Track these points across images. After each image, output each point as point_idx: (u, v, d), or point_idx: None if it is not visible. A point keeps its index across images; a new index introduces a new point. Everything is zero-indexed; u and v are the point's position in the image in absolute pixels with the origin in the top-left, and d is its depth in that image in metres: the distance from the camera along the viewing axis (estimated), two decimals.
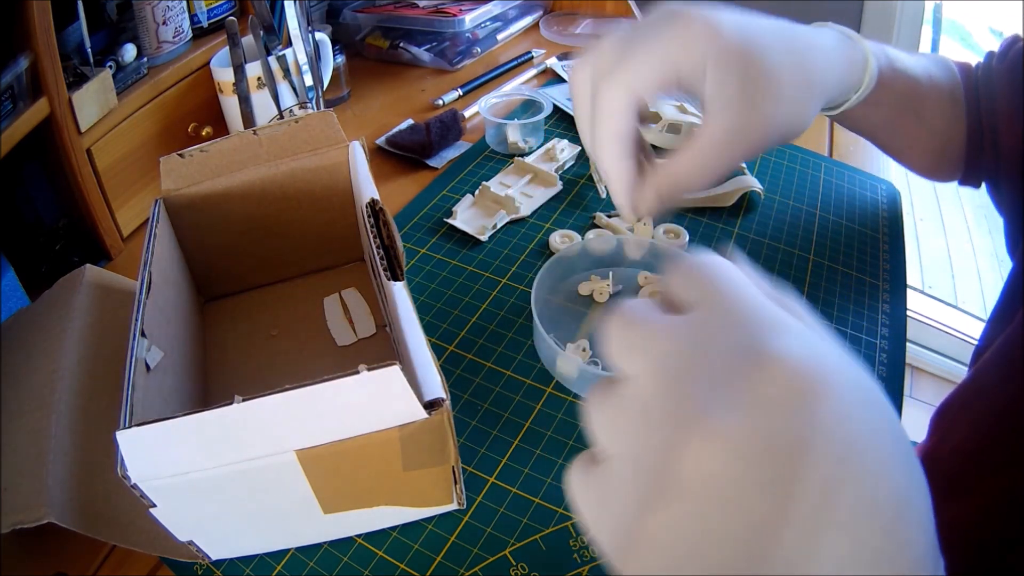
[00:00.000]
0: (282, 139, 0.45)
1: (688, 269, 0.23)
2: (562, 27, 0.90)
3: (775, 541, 0.18)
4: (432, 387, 0.30)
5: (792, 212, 0.58)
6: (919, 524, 0.19)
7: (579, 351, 0.44)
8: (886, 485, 0.18)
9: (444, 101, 0.74)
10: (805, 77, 0.35)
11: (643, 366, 0.21)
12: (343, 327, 0.48)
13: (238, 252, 0.48)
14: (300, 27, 0.62)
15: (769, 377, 0.19)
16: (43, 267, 0.53)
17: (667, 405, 0.20)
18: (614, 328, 0.22)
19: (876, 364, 0.46)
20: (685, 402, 0.19)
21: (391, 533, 0.37)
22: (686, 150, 0.33)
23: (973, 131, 0.48)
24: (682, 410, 0.19)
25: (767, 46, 0.33)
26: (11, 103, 0.46)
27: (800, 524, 0.18)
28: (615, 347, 0.22)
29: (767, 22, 0.35)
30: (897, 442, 0.19)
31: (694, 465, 0.18)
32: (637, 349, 0.21)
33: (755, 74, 0.32)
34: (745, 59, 0.32)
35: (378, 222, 0.38)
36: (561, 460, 0.40)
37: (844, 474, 0.18)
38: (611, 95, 0.33)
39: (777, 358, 0.19)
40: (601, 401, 0.22)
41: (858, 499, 0.18)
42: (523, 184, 0.59)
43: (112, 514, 0.34)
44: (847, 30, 0.41)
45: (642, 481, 0.20)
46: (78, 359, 0.39)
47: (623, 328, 0.22)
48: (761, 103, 0.33)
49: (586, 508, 0.22)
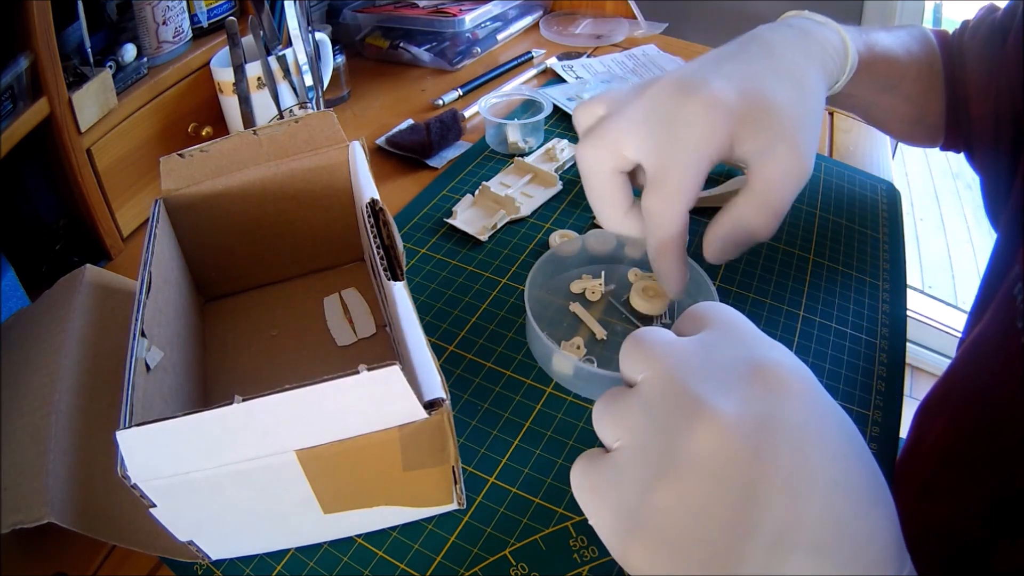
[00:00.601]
0: (282, 139, 0.45)
1: (694, 312, 0.27)
2: (562, 27, 0.90)
3: (763, 506, 0.20)
4: (432, 387, 0.30)
5: (792, 212, 0.57)
6: (868, 473, 0.22)
7: (574, 348, 0.44)
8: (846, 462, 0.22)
9: (444, 101, 0.74)
10: (807, 94, 0.38)
11: (651, 374, 0.24)
12: (343, 327, 0.48)
13: (238, 252, 0.48)
14: (300, 27, 0.62)
15: (763, 378, 0.22)
16: (43, 267, 0.53)
17: (672, 400, 0.23)
18: (628, 346, 0.26)
19: (876, 364, 0.46)
20: (687, 395, 0.23)
21: (391, 533, 0.37)
22: (748, 200, 0.35)
23: (950, 99, 0.50)
24: (685, 401, 0.23)
25: (770, 92, 0.35)
26: (11, 103, 0.46)
27: (781, 486, 0.20)
28: (627, 361, 0.26)
29: (757, 64, 0.37)
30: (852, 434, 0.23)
31: (695, 446, 0.21)
32: (646, 360, 0.25)
33: (775, 122, 0.35)
34: (763, 118, 0.34)
35: (378, 222, 0.38)
36: (561, 460, 0.40)
37: (817, 452, 0.21)
38: (671, 217, 0.35)
39: (771, 363, 0.23)
40: (610, 403, 0.25)
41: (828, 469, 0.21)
42: (523, 184, 0.59)
43: (112, 514, 0.34)
44: (820, 18, 0.43)
45: (647, 464, 0.22)
46: (78, 359, 0.39)
47: (635, 345, 0.26)
48: (791, 138, 0.35)
49: (590, 496, 0.24)
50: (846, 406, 0.43)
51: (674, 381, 0.23)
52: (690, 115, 0.34)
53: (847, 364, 0.45)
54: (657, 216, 0.35)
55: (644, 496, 0.22)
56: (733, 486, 0.21)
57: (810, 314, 0.49)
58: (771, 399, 0.22)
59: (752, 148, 0.34)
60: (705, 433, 0.21)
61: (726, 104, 0.34)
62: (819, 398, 0.22)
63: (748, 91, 0.35)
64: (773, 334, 0.47)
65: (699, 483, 0.21)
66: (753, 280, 0.51)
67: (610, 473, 0.23)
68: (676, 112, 0.34)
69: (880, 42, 0.47)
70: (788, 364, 0.23)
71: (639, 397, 0.24)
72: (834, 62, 0.41)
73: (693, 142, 0.34)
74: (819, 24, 0.42)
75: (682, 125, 0.34)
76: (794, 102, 0.36)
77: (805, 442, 0.21)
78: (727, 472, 0.21)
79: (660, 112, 0.35)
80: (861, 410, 0.43)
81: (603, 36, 0.88)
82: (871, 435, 0.41)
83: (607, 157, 0.36)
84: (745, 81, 0.35)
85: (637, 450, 0.23)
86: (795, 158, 0.35)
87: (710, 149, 0.34)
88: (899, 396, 0.44)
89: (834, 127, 0.71)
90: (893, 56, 0.47)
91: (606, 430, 0.25)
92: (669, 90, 0.35)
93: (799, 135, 0.35)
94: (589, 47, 0.86)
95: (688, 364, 0.24)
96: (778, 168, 0.34)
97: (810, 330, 0.47)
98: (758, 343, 0.25)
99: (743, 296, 0.50)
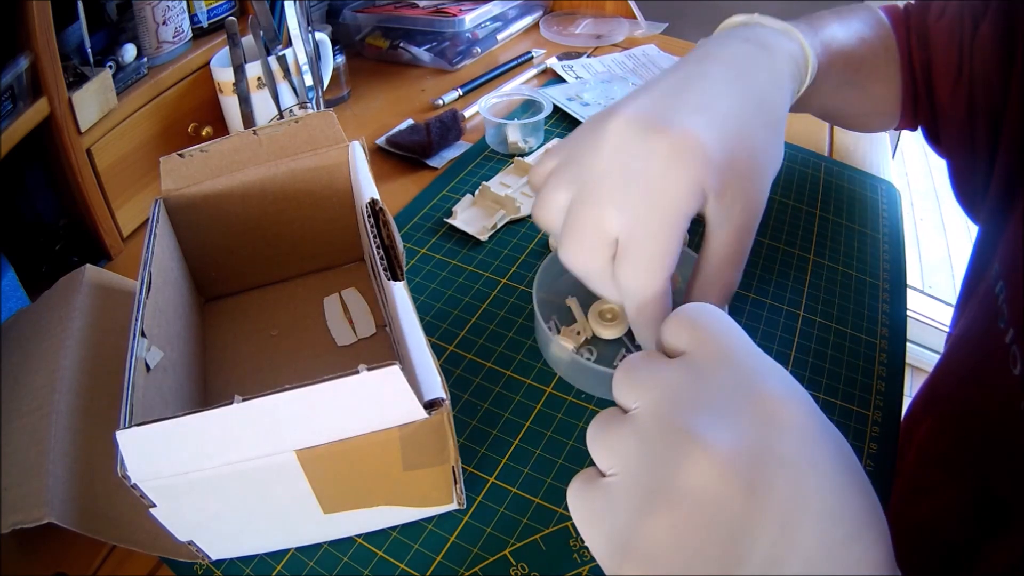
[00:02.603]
0: (282, 139, 0.45)
1: (682, 317, 0.26)
2: (562, 27, 0.90)
3: (755, 538, 0.20)
4: (432, 387, 0.30)
5: (792, 212, 0.58)
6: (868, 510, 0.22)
7: (573, 335, 0.44)
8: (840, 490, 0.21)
9: (444, 101, 0.74)
10: (776, 128, 0.35)
11: (643, 401, 0.24)
12: (343, 327, 0.48)
13: (238, 252, 0.48)
14: (300, 27, 0.62)
15: (758, 408, 0.22)
16: (43, 267, 0.53)
17: (664, 430, 0.23)
18: (620, 373, 0.26)
19: (876, 364, 0.46)
20: (681, 428, 0.22)
21: (391, 533, 0.37)
22: (720, 255, 0.32)
23: (907, 83, 0.48)
24: (678, 434, 0.22)
25: (748, 135, 0.32)
26: (11, 103, 0.46)
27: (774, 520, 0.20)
28: (620, 387, 0.25)
29: (735, 98, 0.33)
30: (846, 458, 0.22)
31: (689, 478, 0.21)
32: (638, 388, 0.25)
33: (748, 174, 0.32)
34: (739, 170, 0.31)
35: (378, 222, 0.38)
36: (561, 460, 0.40)
37: (811, 482, 0.21)
38: (650, 289, 0.30)
39: (767, 393, 0.23)
40: (603, 427, 0.25)
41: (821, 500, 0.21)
42: (523, 184, 0.59)
43: (112, 514, 0.34)
44: (777, 24, 0.40)
45: (639, 493, 0.22)
46: (78, 359, 0.39)
47: (626, 372, 0.25)
48: (757, 190, 0.32)
49: (585, 520, 0.24)
50: (846, 406, 0.43)
51: (667, 413, 0.23)
52: (665, 165, 0.29)
53: (847, 364, 0.45)
54: (635, 290, 0.30)
55: (637, 525, 0.22)
56: (726, 519, 0.21)
57: (810, 314, 0.49)
58: (766, 431, 0.22)
59: (719, 210, 0.31)
60: (698, 467, 0.21)
61: (704, 151, 0.29)
62: (815, 426, 0.22)
63: (728, 137, 0.31)
64: (773, 334, 0.47)
65: (691, 516, 0.21)
66: (753, 280, 0.51)
67: (604, 500, 0.23)
68: (648, 161, 0.30)
69: (836, 37, 0.44)
70: (784, 393, 0.23)
71: (633, 427, 0.24)
72: (797, 79, 0.39)
73: (669, 199, 0.29)
74: (778, 33, 0.39)
75: (656, 178, 0.29)
76: (766, 145, 0.33)
77: (800, 474, 0.21)
78: (720, 505, 0.21)
79: (627, 162, 0.30)
80: (861, 410, 0.43)
81: (603, 36, 0.88)
82: (871, 435, 0.41)
83: (599, 251, 0.31)
84: (723, 122, 0.31)
85: (630, 481, 0.23)
86: (754, 212, 0.32)
87: (689, 205, 0.29)
88: (899, 396, 0.44)
89: (834, 127, 0.71)
90: (848, 50, 0.45)
91: (601, 456, 0.25)
92: (634, 130, 0.30)
93: (763, 182, 0.32)
94: (589, 47, 0.86)
95: (681, 394, 0.24)
96: (740, 225, 0.32)
97: (810, 330, 0.47)
98: (754, 366, 0.24)
99: (743, 296, 0.50)
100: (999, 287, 0.38)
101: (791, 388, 0.23)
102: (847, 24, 0.47)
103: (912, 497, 0.42)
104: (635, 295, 0.30)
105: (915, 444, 0.45)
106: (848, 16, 0.47)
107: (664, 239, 0.29)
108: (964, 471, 0.39)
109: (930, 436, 0.44)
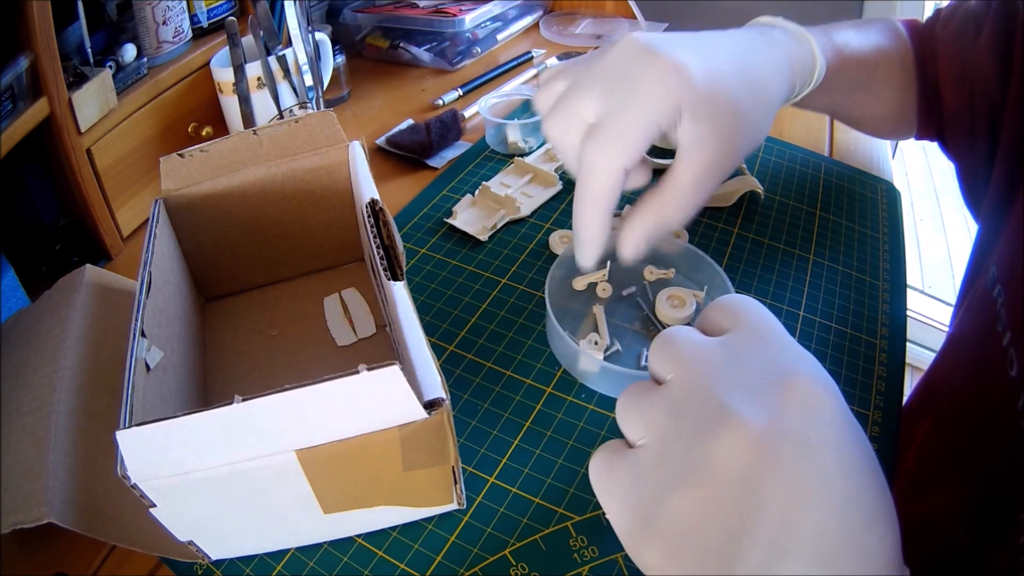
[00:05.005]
0: (282, 139, 0.45)
1: (723, 303, 0.27)
2: (562, 27, 0.90)
3: (780, 519, 0.21)
4: (432, 387, 0.30)
5: (792, 212, 0.58)
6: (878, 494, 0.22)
7: (591, 345, 0.44)
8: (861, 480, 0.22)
9: (444, 101, 0.74)
10: (763, 104, 0.37)
11: (679, 375, 0.25)
12: (343, 327, 0.48)
13: (238, 252, 0.49)
14: (300, 27, 0.62)
15: (791, 391, 0.22)
16: (43, 267, 0.53)
17: (699, 401, 0.23)
18: (657, 344, 0.26)
19: (876, 364, 0.46)
20: (716, 404, 0.23)
21: (391, 533, 0.37)
22: (666, 190, 0.34)
23: (923, 91, 0.50)
24: (714, 405, 0.23)
25: (731, 85, 0.34)
26: (11, 103, 0.46)
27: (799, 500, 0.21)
28: (656, 358, 0.26)
29: (726, 56, 0.36)
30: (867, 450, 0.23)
31: (719, 453, 0.22)
32: (674, 359, 0.25)
33: (724, 116, 0.33)
34: (716, 105, 0.33)
35: (378, 222, 0.38)
36: (561, 460, 0.40)
37: (837, 469, 0.21)
38: (604, 167, 0.32)
39: (800, 377, 0.23)
40: (635, 397, 0.25)
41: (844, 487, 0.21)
42: (523, 184, 0.59)
43: (112, 514, 0.34)
44: (792, 27, 0.42)
45: (669, 467, 0.23)
46: (78, 359, 0.39)
47: (665, 344, 0.26)
48: (730, 138, 0.34)
49: (608, 492, 0.24)
50: None
51: (703, 386, 0.23)
52: (651, 75, 0.32)
53: (847, 364, 0.45)
54: (592, 165, 0.33)
55: (664, 499, 0.22)
56: (752, 496, 0.21)
57: (810, 314, 0.49)
58: (797, 415, 0.22)
59: (691, 134, 0.33)
60: (730, 441, 0.21)
61: (688, 75, 0.32)
62: (842, 415, 0.23)
63: (712, 72, 0.33)
64: None
65: (720, 491, 0.21)
66: (753, 280, 0.51)
67: (632, 472, 0.23)
68: (638, 70, 0.33)
69: (850, 43, 0.46)
70: (816, 379, 0.23)
71: (666, 397, 0.24)
72: (800, 76, 0.41)
73: (647, 101, 0.32)
74: (789, 34, 0.41)
75: (640, 82, 0.32)
76: (747, 106, 0.35)
77: (826, 460, 0.21)
78: (748, 482, 0.21)
79: (621, 68, 0.33)
80: (861, 410, 0.43)
81: (603, 36, 0.88)
82: (871, 435, 0.41)
83: (575, 128, 0.34)
84: (711, 63, 0.34)
85: (660, 452, 0.23)
86: (726, 158, 0.33)
87: (663, 114, 0.32)
88: (899, 396, 0.44)
89: (834, 127, 0.71)
90: (863, 56, 0.47)
91: (630, 426, 0.25)
92: (635, 49, 0.34)
93: (738, 138, 0.34)
94: (589, 47, 0.86)
95: (717, 369, 0.24)
96: (705, 160, 0.33)
97: (810, 330, 0.47)
98: (788, 351, 0.25)
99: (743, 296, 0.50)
100: (997, 290, 0.38)
101: (822, 376, 0.24)
102: (864, 33, 0.49)
103: (913, 497, 0.42)
104: (589, 169, 0.33)
105: (915, 445, 0.45)
106: (866, 26, 0.50)
107: (631, 131, 0.32)
108: (964, 472, 0.39)
109: (930, 437, 0.44)
